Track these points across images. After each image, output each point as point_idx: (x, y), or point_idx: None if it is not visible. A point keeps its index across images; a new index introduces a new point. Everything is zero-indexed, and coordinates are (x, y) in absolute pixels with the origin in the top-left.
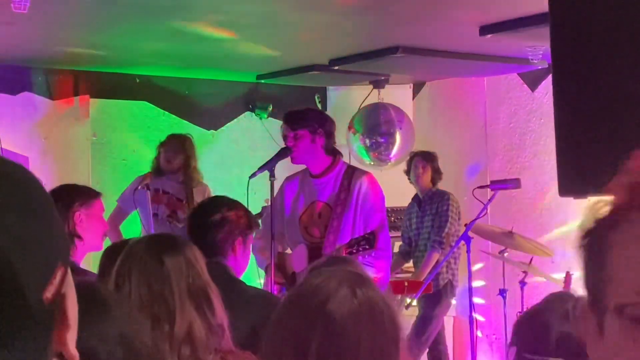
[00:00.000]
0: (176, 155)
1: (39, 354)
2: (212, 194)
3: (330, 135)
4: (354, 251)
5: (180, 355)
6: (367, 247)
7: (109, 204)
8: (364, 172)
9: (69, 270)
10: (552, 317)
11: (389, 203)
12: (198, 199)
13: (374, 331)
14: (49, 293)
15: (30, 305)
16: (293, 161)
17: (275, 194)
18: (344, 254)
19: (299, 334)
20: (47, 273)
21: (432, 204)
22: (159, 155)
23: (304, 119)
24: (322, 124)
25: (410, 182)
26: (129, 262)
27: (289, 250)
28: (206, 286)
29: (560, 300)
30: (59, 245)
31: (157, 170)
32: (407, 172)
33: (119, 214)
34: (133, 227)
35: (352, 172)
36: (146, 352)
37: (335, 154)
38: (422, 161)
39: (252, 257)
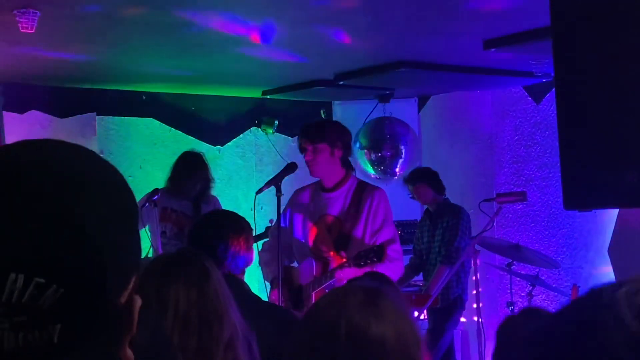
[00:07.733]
0: (195, 177)
1: (109, 355)
2: (220, 206)
3: (348, 147)
4: (362, 264)
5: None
6: (375, 260)
7: None
8: (375, 188)
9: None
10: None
11: (397, 217)
12: (207, 210)
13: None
14: (123, 298)
15: (109, 307)
16: (312, 174)
17: (284, 207)
18: (352, 267)
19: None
20: (128, 279)
21: (443, 218)
22: (176, 176)
23: (324, 132)
24: (341, 137)
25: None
26: (173, 267)
27: (295, 264)
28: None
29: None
30: (138, 253)
31: (173, 190)
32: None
33: None
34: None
35: (363, 188)
36: None
37: (348, 167)
38: (413, 186)
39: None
